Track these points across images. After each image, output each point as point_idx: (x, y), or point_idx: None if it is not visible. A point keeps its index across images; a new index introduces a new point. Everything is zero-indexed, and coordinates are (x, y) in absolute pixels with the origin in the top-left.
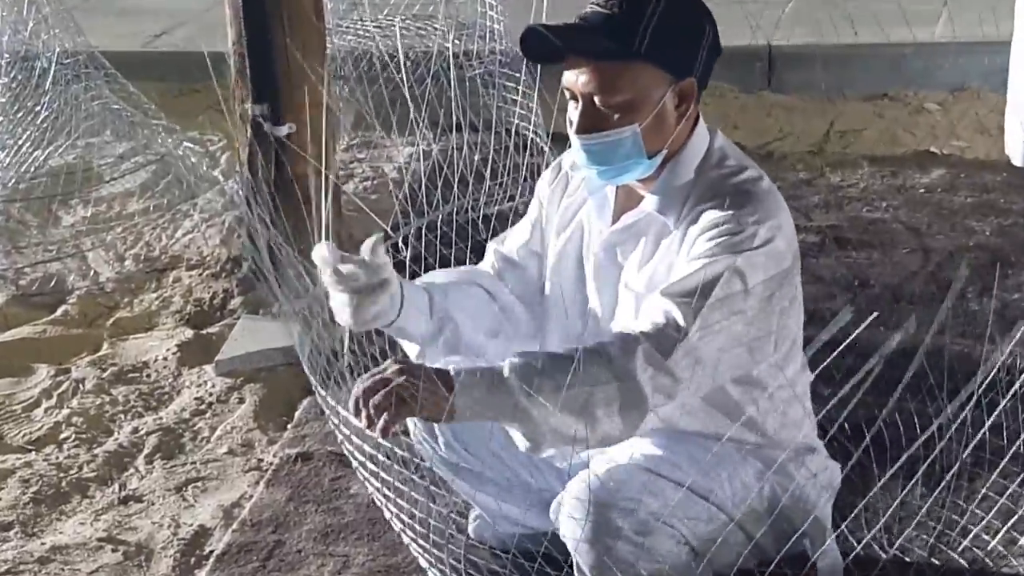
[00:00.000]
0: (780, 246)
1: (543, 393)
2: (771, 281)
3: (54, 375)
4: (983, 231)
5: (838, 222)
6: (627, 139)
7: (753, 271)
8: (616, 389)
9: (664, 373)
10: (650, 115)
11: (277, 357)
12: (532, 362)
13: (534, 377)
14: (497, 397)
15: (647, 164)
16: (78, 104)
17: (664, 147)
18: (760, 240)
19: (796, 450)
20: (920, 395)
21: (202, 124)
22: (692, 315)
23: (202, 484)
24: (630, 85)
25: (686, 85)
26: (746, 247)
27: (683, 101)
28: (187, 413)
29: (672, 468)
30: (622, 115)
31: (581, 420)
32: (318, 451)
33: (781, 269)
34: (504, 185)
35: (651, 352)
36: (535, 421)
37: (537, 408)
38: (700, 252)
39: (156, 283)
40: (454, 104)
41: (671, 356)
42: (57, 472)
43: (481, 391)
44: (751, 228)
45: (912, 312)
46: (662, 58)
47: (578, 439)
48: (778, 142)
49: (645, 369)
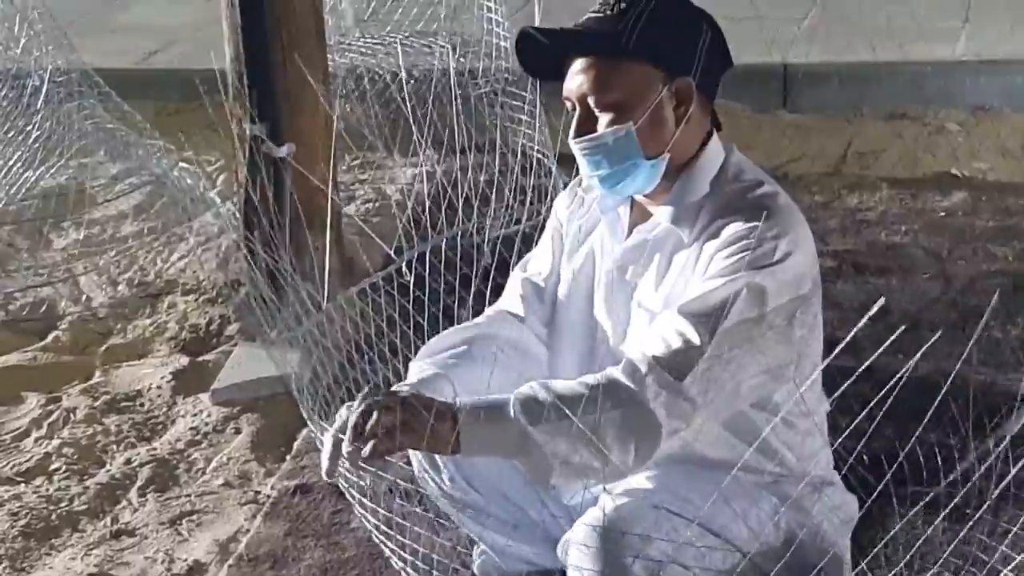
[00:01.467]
0: (800, 261)
1: (550, 425)
2: (792, 300)
3: (44, 404)
4: (1006, 256)
5: (856, 247)
6: (621, 139)
7: (773, 287)
8: (626, 417)
9: (679, 396)
10: (645, 114)
11: (275, 386)
12: (537, 395)
13: (540, 409)
14: (503, 432)
15: (648, 167)
16: (71, 123)
17: (665, 150)
18: (780, 254)
19: (813, 483)
20: (941, 426)
21: (198, 144)
22: (709, 334)
23: (197, 517)
24: (622, 83)
25: (683, 86)
26: (766, 263)
27: (681, 102)
28: (182, 443)
29: (684, 503)
30: (616, 115)
31: (592, 451)
32: (317, 483)
33: (801, 287)
34: (510, 207)
35: (663, 376)
36: (543, 454)
37: (545, 441)
38: (718, 269)
39: (150, 308)
40: (458, 124)
41: (686, 379)
42: (47, 505)
43: (486, 426)
44: (770, 243)
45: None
46: (654, 54)
47: (591, 470)
48: (793, 163)
49: (658, 394)
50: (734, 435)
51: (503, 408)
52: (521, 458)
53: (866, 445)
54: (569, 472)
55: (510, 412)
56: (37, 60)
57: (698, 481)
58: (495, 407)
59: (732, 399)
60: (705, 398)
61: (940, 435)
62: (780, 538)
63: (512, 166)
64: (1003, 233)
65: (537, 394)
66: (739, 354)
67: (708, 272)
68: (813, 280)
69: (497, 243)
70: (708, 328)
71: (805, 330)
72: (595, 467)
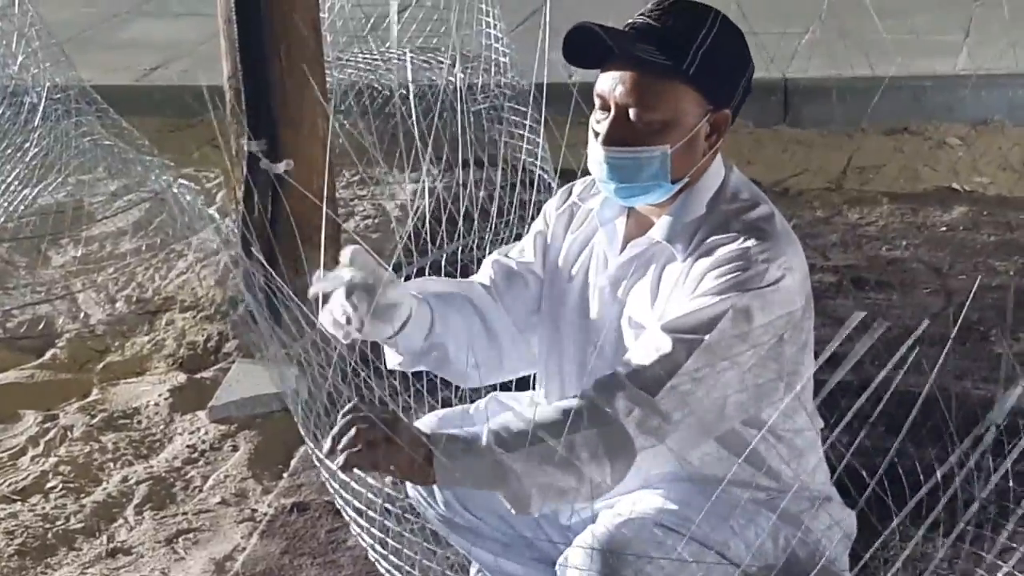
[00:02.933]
0: (790, 286)
1: (524, 452)
2: (779, 322)
3: (41, 422)
4: (1007, 271)
5: (856, 261)
6: (656, 159)
7: (760, 310)
8: (599, 436)
9: (652, 412)
10: (683, 139)
11: (273, 403)
12: (510, 425)
13: (512, 436)
14: (479, 463)
15: (667, 189)
16: (69, 140)
17: (688, 175)
18: (770, 279)
19: (811, 499)
20: (941, 441)
21: (197, 160)
22: (686, 352)
23: (194, 536)
24: (670, 104)
25: (720, 116)
26: (754, 285)
27: (714, 131)
28: (179, 461)
29: (682, 521)
30: (654, 134)
31: (568, 473)
32: (314, 501)
33: (791, 310)
34: (510, 223)
35: (635, 392)
36: (520, 481)
37: (518, 466)
38: (706, 288)
39: (148, 325)
40: (460, 139)
41: (658, 394)
42: (43, 523)
43: (462, 457)
44: (760, 266)
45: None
46: (706, 83)
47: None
48: (794, 178)
49: (630, 410)
50: (730, 452)
51: (477, 439)
52: (499, 488)
53: (866, 460)
54: (548, 497)
55: (483, 443)
56: (35, 77)
57: (695, 498)
58: (470, 439)
59: (716, 416)
60: (681, 414)
61: (940, 451)
62: (778, 555)
63: (512, 181)
64: (1004, 248)
65: (510, 424)
66: (718, 372)
67: (697, 291)
68: (804, 303)
69: None
70: (686, 345)
71: (795, 350)
72: (574, 488)
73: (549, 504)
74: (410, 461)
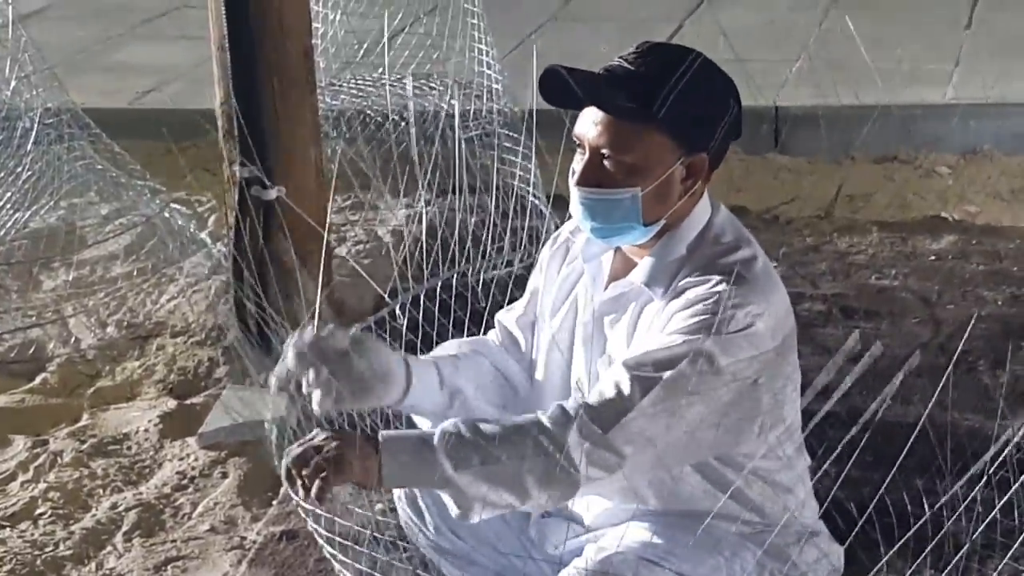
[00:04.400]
0: (761, 331)
1: (470, 465)
2: (745, 367)
3: (31, 447)
4: (995, 301)
5: (845, 290)
6: (626, 201)
7: (723, 355)
8: (546, 465)
9: (601, 447)
10: (654, 183)
11: (263, 430)
12: (462, 432)
13: (462, 448)
14: (424, 467)
15: (642, 231)
16: (61, 165)
17: (663, 217)
18: (737, 325)
19: (798, 533)
20: (929, 473)
21: (190, 184)
22: (643, 390)
23: (182, 564)
24: (641, 148)
25: (697, 160)
26: (722, 330)
27: (691, 175)
28: (168, 488)
29: (667, 555)
30: (626, 176)
31: (511, 491)
32: (303, 529)
33: (757, 355)
34: (503, 250)
35: (588, 425)
36: (463, 492)
37: (464, 480)
38: (673, 328)
39: (139, 351)
40: (454, 165)
41: (611, 430)
42: (32, 550)
43: (408, 459)
44: (731, 311)
45: (919, 385)
46: (678, 129)
47: (510, 507)
48: (784, 206)
49: (580, 443)
50: (715, 487)
51: (426, 444)
52: (442, 491)
53: (853, 492)
54: (489, 508)
55: (433, 450)
56: (27, 101)
57: (681, 532)
58: (419, 443)
59: (680, 452)
60: (633, 449)
61: (927, 482)
62: None
63: (505, 208)
64: (993, 277)
65: (463, 434)
66: (677, 411)
67: (665, 329)
68: (779, 344)
69: (491, 286)
70: (643, 383)
71: (771, 394)
72: (515, 505)
73: (490, 514)
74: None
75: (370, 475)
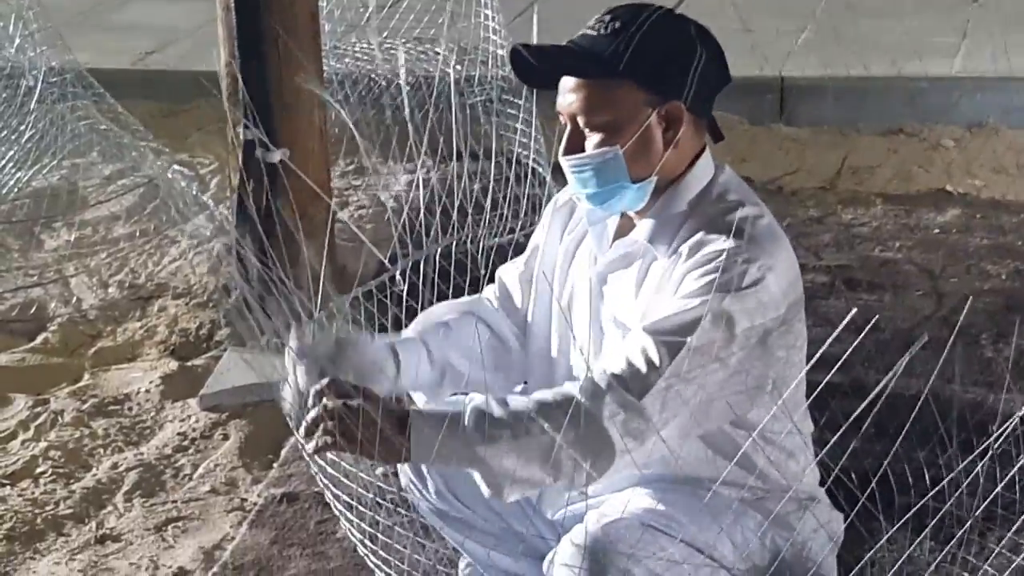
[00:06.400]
0: (771, 287)
1: (502, 442)
2: (761, 323)
3: (32, 406)
4: (999, 275)
5: (849, 262)
6: (609, 161)
7: (740, 312)
8: (581, 436)
9: (636, 416)
10: (632, 138)
11: (264, 392)
12: (492, 411)
13: (492, 424)
14: (454, 444)
15: (634, 190)
16: (64, 124)
17: (652, 174)
18: (750, 280)
19: (799, 500)
20: (931, 444)
21: (192, 146)
22: (670, 355)
23: (183, 524)
24: (612, 105)
25: (673, 109)
26: (733, 287)
27: (671, 126)
28: (169, 449)
29: (670, 522)
30: (605, 137)
31: (544, 469)
32: (304, 492)
33: (773, 311)
34: (504, 217)
35: (622, 395)
36: (493, 469)
37: (495, 455)
38: (687, 290)
39: (140, 312)
40: (454, 131)
41: (645, 398)
42: (32, 508)
43: (437, 436)
44: (740, 267)
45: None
46: (644, 78)
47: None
48: (788, 177)
49: (615, 413)
50: (718, 454)
51: (456, 420)
52: (474, 469)
53: (854, 463)
54: (522, 487)
55: (463, 426)
56: (31, 60)
57: (683, 499)
58: (449, 419)
59: (700, 418)
60: (662, 417)
61: (929, 454)
62: (766, 556)
63: (507, 175)
64: (996, 251)
65: (492, 410)
66: (702, 375)
67: (679, 292)
68: (792, 302)
69: (491, 252)
70: (671, 349)
71: (783, 352)
72: (548, 482)
73: (522, 493)
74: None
75: (391, 448)
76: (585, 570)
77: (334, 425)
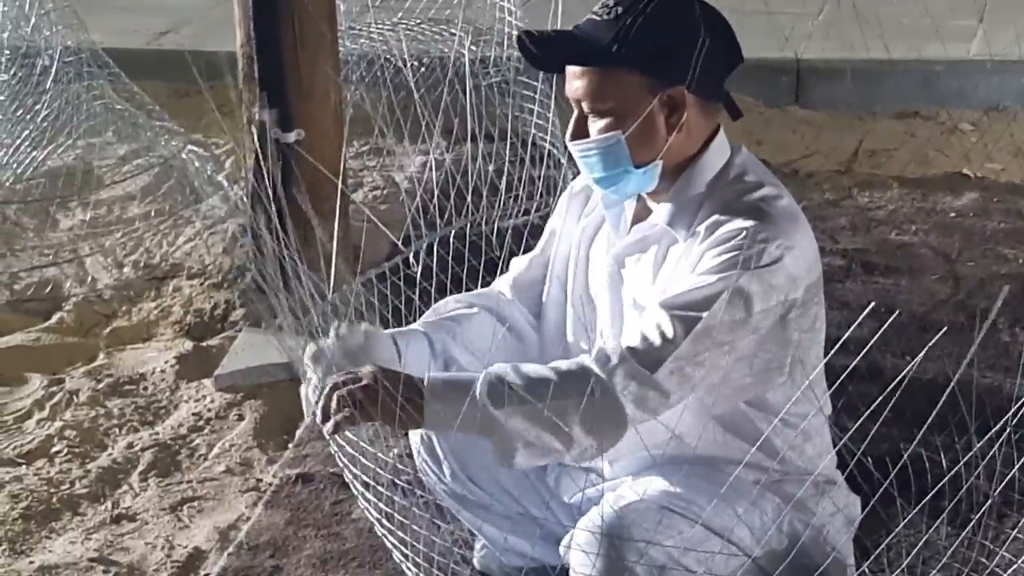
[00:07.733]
0: (790, 267)
1: (515, 408)
2: (778, 303)
3: (47, 385)
4: (1016, 259)
5: (865, 246)
6: (612, 147)
7: (758, 290)
8: (593, 405)
9: (650, 388)
10: (634, 124)
11: (279, 373)
12: (506, 376)
13: (507, 393)
14: (468, 411)
15: (639, 175)
16: (79, 103)
17: (656, 158)
18: (768, 259)
19: (817, 484)
20: (948, 429)
21: (207, 127)
22: (685, 329)
23: (198, 504)
24: (614, 92)
25: (676, 94)
26: (752, 265)
27: (674, 111)
28: (184, 429)
29: (687, 504)
30: (609, 122)
31: (556, 436)
32: (319, 472)
33: (790, 290)
34: (519, 199)
35: (635, 367)
36: (506, 436)
37: (507, 420)
38: (705, 267)
39: (155, 292)
40: (469, 112)
41: (658, 371)
42: (48, 487)
43: (452, 403)
44: (759, 246)
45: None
46: (646, 65)
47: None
48: (804, 159)
49: (627, 385)
50: (735, 435)
51: (470, 386)
52: (486, 436)
53: (871, 447)
54: (533, 455)
55: (476, 391)
56: (47, 39)
57: (701, 482)
58: (463, 385)
59: (715, 396)
60: (679, 391)
61: (946, 438)
62: (783, 540)
63: (522, 156)
64: (1013, 235)
65: (506, 375)
66: (717, 352)
67: (696, 269)
68: (810, 284)
69: (507, 234)
70: (686, 324)
71: (800, 333)
72: (560, 450)
73: (533, 461)
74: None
75: (406, 416)
76: (602, 550)
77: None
